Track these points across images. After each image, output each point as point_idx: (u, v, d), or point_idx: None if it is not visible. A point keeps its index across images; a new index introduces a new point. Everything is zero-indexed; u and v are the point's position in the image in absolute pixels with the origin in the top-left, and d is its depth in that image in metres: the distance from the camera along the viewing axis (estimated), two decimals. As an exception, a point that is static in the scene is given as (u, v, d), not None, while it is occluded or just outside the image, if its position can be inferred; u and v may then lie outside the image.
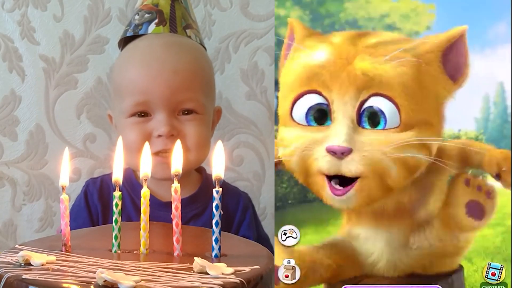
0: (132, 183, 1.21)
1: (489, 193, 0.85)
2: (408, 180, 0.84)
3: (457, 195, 0.86)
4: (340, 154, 0.83)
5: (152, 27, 1.22)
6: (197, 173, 1.23)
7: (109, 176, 1.20)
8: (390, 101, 0.83)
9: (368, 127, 0.84)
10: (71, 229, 0.84)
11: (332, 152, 0.83)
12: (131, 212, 1.17)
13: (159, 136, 1.15)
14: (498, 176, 0.85)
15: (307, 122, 0.86)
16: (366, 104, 0.84)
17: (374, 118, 0.84)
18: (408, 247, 0.87)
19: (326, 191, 0.85)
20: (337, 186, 0.85)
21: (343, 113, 0.84)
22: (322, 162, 0.84)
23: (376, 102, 0.84)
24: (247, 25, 1.42)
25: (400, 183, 0.84)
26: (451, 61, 0.85)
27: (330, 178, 0.85)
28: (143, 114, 1.17)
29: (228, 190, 1.23)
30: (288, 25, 0.87)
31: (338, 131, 0.84)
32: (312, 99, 0.85)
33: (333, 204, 0.86)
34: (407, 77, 0.83)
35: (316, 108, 0.86)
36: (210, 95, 1.22)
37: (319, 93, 0.85)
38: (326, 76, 0.84)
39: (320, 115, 0.86)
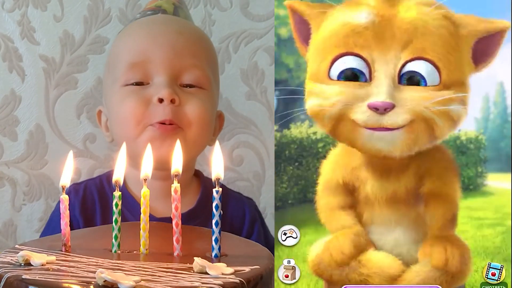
0: (105, 192, 1.11)
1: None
2: (453, 130, 0.83)
3: None
4: (382, 110, 0.82)
5: None
6: (195, 181, 1.15)
7: (94, 182, 1.15)
8: (431, 63, 0.83)
9: (407, 84, 0.83)
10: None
11: (374, 108, 0.82)
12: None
13: (160, 101, 1.03)
14: None
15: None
16: (407, 67, 0.83)
17: (413, 79, 0.83)
18: (413, 244, 0.87)
19: (361, 132, 0.83)
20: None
21: (384, 73, 0.83)
22: (361, 116, 0.83)
23: (417, 64, 0.83)
24: (247, 25, 1.42)
25: (445, 133, 0.83)
26: (481, 47, 0.84)
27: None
28: (140, 83, 1.06)
29: (232, 199, 1.16)
30: (288, 9, 0.86)
31: (380, 89, 0.83)
32: (352, 61, 0.84)
33: (371, 144, 0.84)
34: (447, 32, 0.83)
35: (352, 71, 0.85)
36: (216, 74, 1.12)
37: (358, 55, 0.84)
38: (369, 36, 0.83)
39: (353, 78, 0.84)
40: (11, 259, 0.78)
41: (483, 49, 0.84)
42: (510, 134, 0.85)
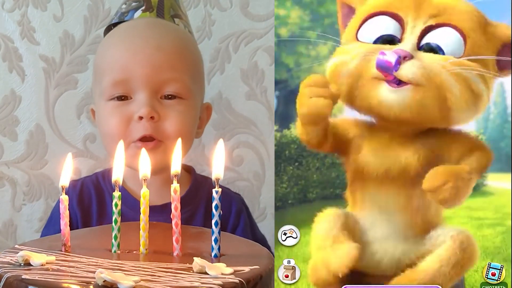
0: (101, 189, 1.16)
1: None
2: (469, 108, 0.82)
3: None
4: (402, 58, 0.82)
5: (138, 13, 1.17)
6: (185, 173, 1.18)
7: (90, 178, 1.18)
8: (458, 32, 0.83)
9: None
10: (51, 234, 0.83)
11: (394, 53, 0.82)
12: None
13: (140, 118, 1.07)
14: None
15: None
16: (433, 32, 0.84)
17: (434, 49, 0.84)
18: (410, 241, 0.87)
19: (378, 90, 0.83)
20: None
21: (410, 37, 0.83)
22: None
23: (444, 31, 0.84)
24: (247, 25, 1.42)
25: (461, 107, 0.82)
26: (505, 55, 0.84)
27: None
28: (123, 97, 1.09)
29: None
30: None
31: (403, 45, 0.83)
32: (384, 23, 0.85)
33: (386, 99, 0.83)
34: (477, 15, 0.83)
35: (385, 39, 0.85)
36: (198, 81, 1.14)
37: (393, 16, 0.84)
38: (410, 1, 0.84)
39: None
40: (11, 259, 0.78)
41: (506, 55, 0.84)
42: (510, 134, 0.84)
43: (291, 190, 0.87)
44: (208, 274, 0.75)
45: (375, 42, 0.85)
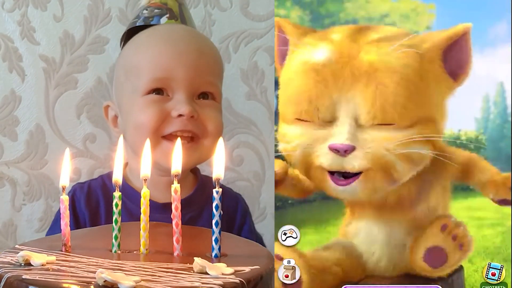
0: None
1: (462, 246, 0.85)
2: (413, 172, 0.84)
3: (425, 236, 0.86)
4: (343, 152, 0.83)
5: (164, 19, 1.18)
6: (192, 174, 1.20)
7: (96, 181, 1.19)
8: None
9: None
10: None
11: (335, 150, 0.83)
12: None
13: (179, 116, 1.10)
14: (493, 200, 0.86)
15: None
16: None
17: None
18: (408, 247, 0.87)
19: (329, 183, 0.85)
20: (341, 178, 0.84)
21: (346, 113, 0.84)
22: (325, 159, 0.84)
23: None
24: (247, 25, 1.42)
25: (405, 176, 0.84)
26: (452, 59, 0.84)
27: (332, 172, 0.85)
28: (161, 92, 1.12)
29: (225, 192, 1.19)
30: (275, 26, 0.87)
31: (341, 129, 0.84)
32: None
33: (337, 195, 0.86)
34: (411, 70, 0.83)
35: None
36: (222, 85, 1.19)
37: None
38: (328, 74, 0.84)
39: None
40: (11, 259, 0.78)
41: (455, 58, 0.84)
42: (510, 134, 0.85)
43: None
44: (208, 274, 0.75)
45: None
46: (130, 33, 1.19)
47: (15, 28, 1.41)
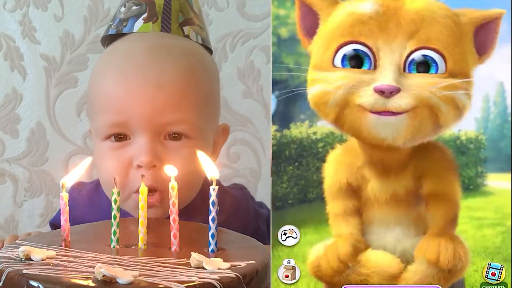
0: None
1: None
2: (457, 121, 0.82)
3: None
4: (388, 93, 0.81)
5: (139, 23, 0.99)
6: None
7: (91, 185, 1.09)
8: (437, 52, 0.82)
9: (415, 72, 0.82)
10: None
11: (380, 91, 0.81)
12: None
13: (139, 167, 0.94)
14: None
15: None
16: (413, 55, 0.82)
17: (422, 66, 0.82)
18: (415, 238, 0.86)
19: (368, 120, 0.82)
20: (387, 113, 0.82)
21: (390, 61, 0.82)
22: (368, 99, 0.81)
23: (424, 53, 0.82)
24: (244, 25, 1.42)
25: (450, 123, 0.82)
26: (481, 38, 0.84)
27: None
28: (121, 136, 0.95)
29: (235, 198, 1.11)
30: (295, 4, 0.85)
31: (385, 74, 0.82)
32: (358, 49, 0.83)
33: (376, 132, 0.82)
34: (453, 23, 0.82)
35: (352, 54, 0.84)
36: (210, 113, 1.00)
37: (363, 44, 0.82)
38: (373, 25, 0.82)
39: (357, 63, 0.83)
40: (12, 254, 0.79)
41: (483, 38, 0.83)
42: (510, 134, 0.83)
43: (291, 190, 0.85)
44: (205, 269, 0.75)
45: (352, 65, 0.83)
46: (110, 38, 1.04)
47: (17, 27, 1.41)
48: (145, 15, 0.99)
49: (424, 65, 0.83)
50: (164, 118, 0.93)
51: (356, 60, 0.83)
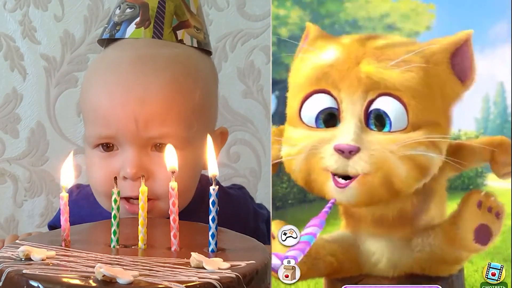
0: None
1: (498, 214, 0.82)
2: (419, 182, 0.82)
3: (467, 218, 0.81)
4: (347, 152, 0.80)
5: (131, 29, 0.98)
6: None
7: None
8: (398, 101, 0.81)
9: (375, 128, 0.82)
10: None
11: (339, 150, 0.81)
12: None
13: (125, 178, 0.95)
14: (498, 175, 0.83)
15: (316, 125, 0.83)
16: (374, 105, 0.82)
17: (380, 119, 0.82)
18: (409, 249, 0.86)
19: (329, 185, 0.82)
20: (340, 180, 0.82)
21: (351, 113, 0.81)
22: (330, 161, 0.82)
23: (384, 102, 0.81)
24: (244, 24, 1.42)
25: (410, 186, 0.81)
26: (458, 64, 0.83)
27: (334, 175, 0.83)
28: (110, 145, 0.96)
29: (235, 198, 1.13)
30: (305, 29, 0.85)
31: (346, 130, 0.81)
32: (321, 99, 0.83)
33: (338, 195, 0.83)
34: (415, 81, 0.81)
35: (326, 112, 0.84)
36: (202, 121, 0.99)
37: (328, 93, 0.82)
38: (335, 75, 0.82)
39: (329, 118, 0.83)
40: (12, 254, 0.78)
41: (461, 64, 0.82)
42: (510, 134, 0.83)
43: (291, 190, 0.85)
44: (205, 269, 0.75)
45: (317, 117, 0.83)
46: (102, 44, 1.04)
47: (17, 27, 1.41)
48: (138, 19, 0.98)
49: (383, 119, 0.82)
50: (149, 133, 0.94)
51: (329, 116, 0.83)
